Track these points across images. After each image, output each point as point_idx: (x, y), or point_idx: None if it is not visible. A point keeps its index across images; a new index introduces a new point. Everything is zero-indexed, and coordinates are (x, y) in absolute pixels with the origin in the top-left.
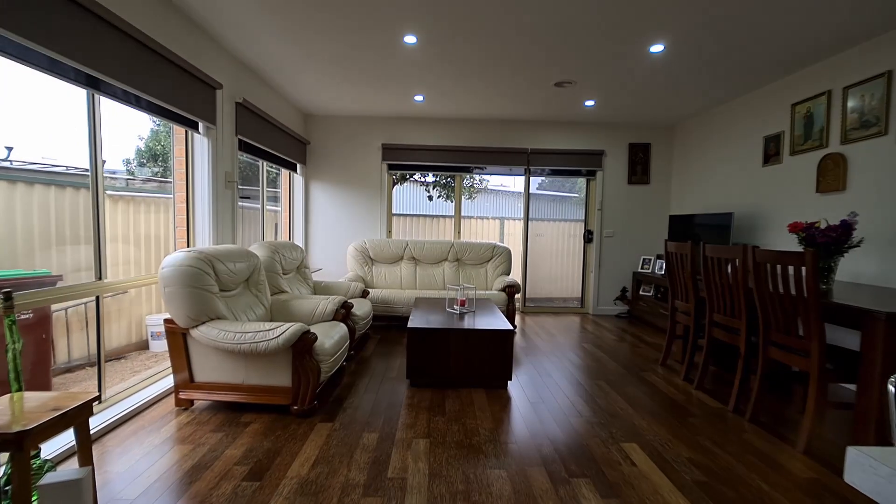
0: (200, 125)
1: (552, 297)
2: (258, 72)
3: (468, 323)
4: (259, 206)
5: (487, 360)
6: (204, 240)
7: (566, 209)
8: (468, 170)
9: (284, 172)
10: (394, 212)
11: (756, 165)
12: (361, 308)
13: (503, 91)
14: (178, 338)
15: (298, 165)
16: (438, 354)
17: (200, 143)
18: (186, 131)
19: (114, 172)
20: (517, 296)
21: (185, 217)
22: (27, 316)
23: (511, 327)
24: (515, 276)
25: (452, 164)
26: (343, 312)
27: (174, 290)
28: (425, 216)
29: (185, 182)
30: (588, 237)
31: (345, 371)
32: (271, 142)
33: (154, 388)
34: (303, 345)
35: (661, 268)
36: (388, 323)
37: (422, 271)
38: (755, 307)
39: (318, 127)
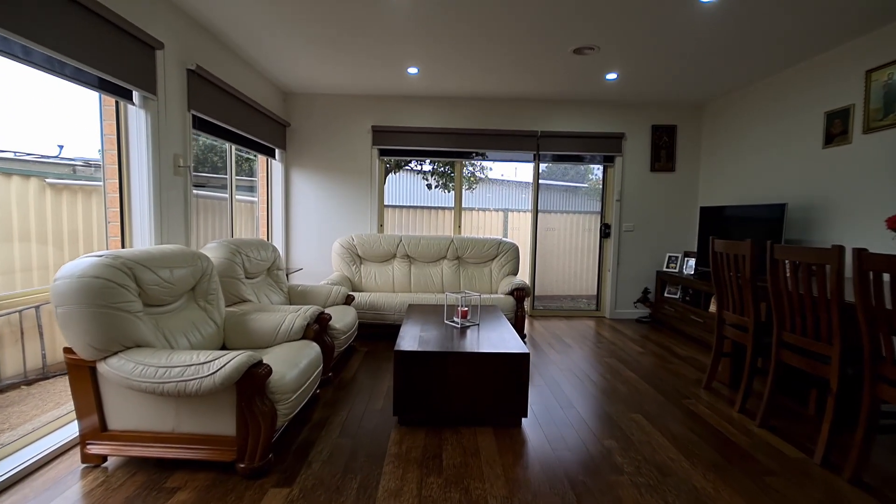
0: (135, 94)
1: (564, 296)
2: (219, 35)
3: (471, 341)
4: (227, 195)
5: (497, 390)
6: (143, 238)
7: (580, 200)
8: (469, 155)
9: (261, 158)
10: (388, 203)
11: (814, 147)
12: (343, 319)
13: (512, 60)
14: (82, 372)
15: (277, 150)
16: (434, 384)
17: (136, 116)
18: (117, 102)
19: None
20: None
21: (119, 210)
22: None
23: (526, 350)
24: (523, 275)
25: (452, 148)
26: (316, 328)
27: (70, 310)
28: (423, 208)
29: (116, 166)
30: (605, 231)
31: (318, 401)
32: (240, 121)
33: (62, 433)
34: (251, 382)
35: (690, 267)
36: (378, 332)
37: (417, 271)
38: (853, 327)
39: (299, 107)
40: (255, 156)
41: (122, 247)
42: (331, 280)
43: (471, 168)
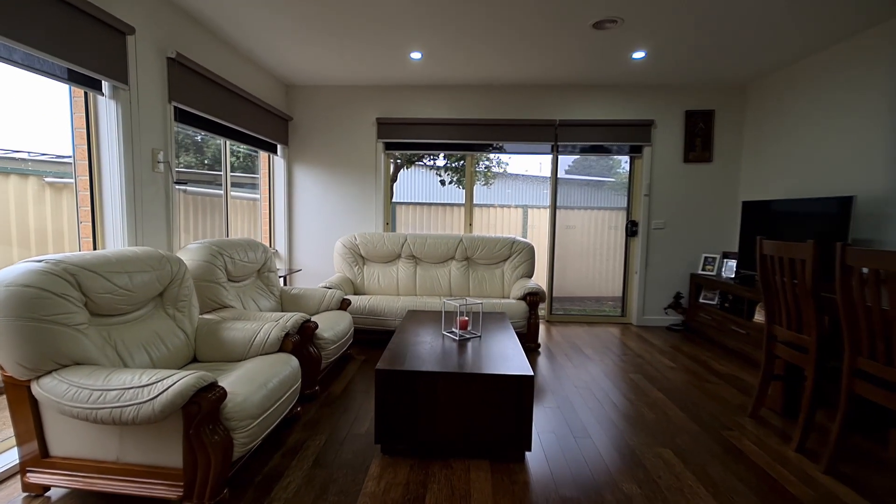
0: (105, 84)
1: (588, 297)
2: (205, 21)
3: (469, 358)
4: (222, 193)
5: (495, 418)
6: (116, 239)
7: (604, 195)
8: (481, 148)
9: (263, 155)
10: (401, 200)
11: (888, 128)
12: (334, 326)
13: (524, 40)
14: (19, 392)
15: (279, 146)
16: (422, 409)
17: (106, 108)
18: (86, 93)
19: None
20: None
21: (90, 209)
22: None
23: (530, 372)
24: (539, 277)
25: (462, 140)
26: (297, 339)
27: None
28: (438, 205)
29: (87, 162)
30: (631, 229)
31: (298, 420)
32: (233, 115)
33: (7, 457)
34: (198, 409)
35: (730, 270)
36: (378, 339)
37: (423, 273)
38: None
39: (301, 100)
40: (256, 152)
41: (94, 248)
42: (330, 282)
43: (486, 162)
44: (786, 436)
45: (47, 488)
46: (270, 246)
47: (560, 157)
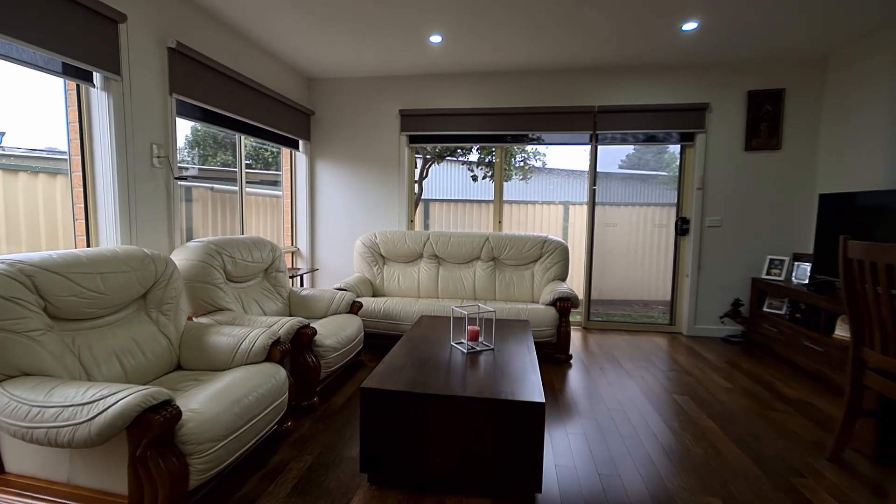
0: (96, 76)
1: (628, 301)
2: (211, 10)
3: (475, 377)
4: (237, 189)
5: (499, 450)
6: (109, 237)
7: (650, 190)
8: (511, 140)
9: (285, 151)
10: (434, 196)
11: None
12: (339, 332)
13: (554, 17)
14: None
15: (301, 141)
16: (414, 435)
17: (98, 101)
18: (77, 85)
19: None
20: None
21: (84, 205)
22: None
23: (540, 399)
24: (577, 279)
25: (490, 132)
26: (286, 348)
27: None
28: (471, 202)
29: (80, 157)
30: (682, 227)
31: (288, 437)
32: (247, 109)
33: None
34: (143, 432)
35: (803, 275)
36: (392, 344)
37: (446, 274)
38: None
39: (323, 93)
40: (278, 148)
41: (88, 246)
42: (346, 283)
43: (523, 155)
44: (879, 489)
45: None
46: (292, 244)
47: (609, 148)
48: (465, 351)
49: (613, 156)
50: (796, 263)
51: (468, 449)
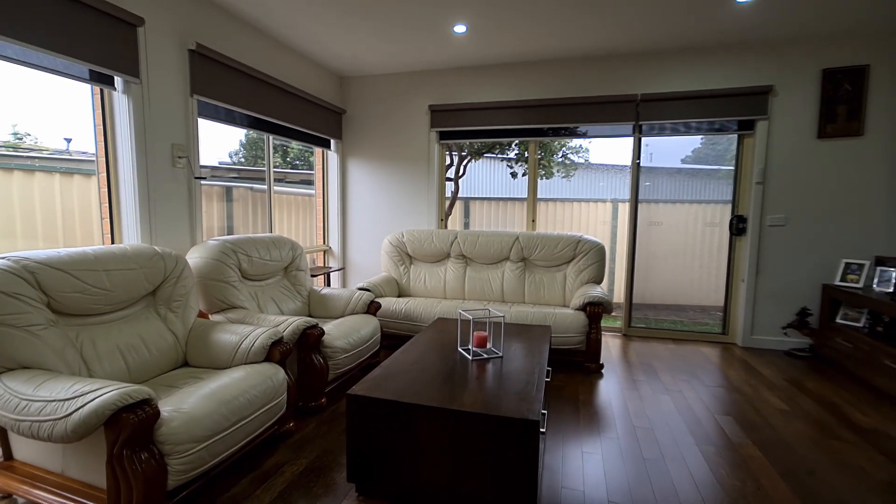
0: (117, 80)
1: (678, 306)
2: (235, 11)
3: (472, 388)
4: (265, 188)
5: (490, 469)
6: (130, 234)
7: (699, 186)
8: (544, 133)
9: (317, 150)
10: (472, 195)
11: None
12: (352, 333)
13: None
14: None
15: (332, 141)
16: (401, 446)
17: (119, 104)
18: (101, 89)
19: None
20: (604, 312)
21: (108, 205)
22: None
23: (535, 417)
24: (618, 281)
25: (522, 125)
26: (285, 348)
27: None
28: (510, 200)
29: (105, 158)
30: (738, 226)
31: (287, 439)
32: (274, 109)
33: None
34: (118, 431)
35: (888, 282)
36: None
37: (474, 274)
38: None
39: (355, 92)
40: (311, 149)
41: (112, 243)
42: (370, 282)
43: (567, 151)
44: None
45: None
46: (324, 243)
47: (668, 142)
48: (471, 357)
49: (672, 149)
50: (879, 268)
51: (458, 465)
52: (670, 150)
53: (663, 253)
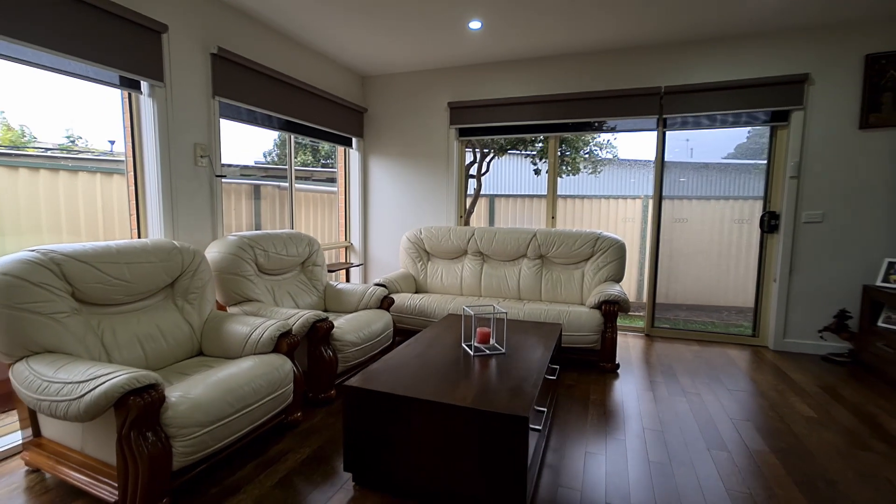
0: (144, 84)
1: (703, 306)
2: (255, 15)
3: (468, 382)
4: (283, 185)
5: (480, 463)
6: (154, 230)
7: (727, 180)
8: (566, 128)
9: (339, 148)
10: (498, 192)
11: None
12: (363, 328)
13: None
14: None
15: (354, 139)
16: (394, 438)
17: (146, 106)
18: (129, 94)
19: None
20: (620, 311)
21: (135, 202)
22: None
23: (524, 413)
24: (631, 281)
25: (542, 121)
26: (294, 341)
27: None
28: (537, 197)
29: (132, 158)
30: (770, 224)
31: (294, 428)
32: (294, 109)
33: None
34: (126, 411)
35: None
36: None
37: (490, 271)
38: None
39: (376, 91)
40: (331, 146)
41: (139, 238)
42: (387, 278)
43: (595, 147)
44: None
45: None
46: (345, 239)
47: (707, 136)
48: (473, 353)
49: (717, 144)
50: None
51: (449, 459)
52: (713, 144)
53: (690, 251)
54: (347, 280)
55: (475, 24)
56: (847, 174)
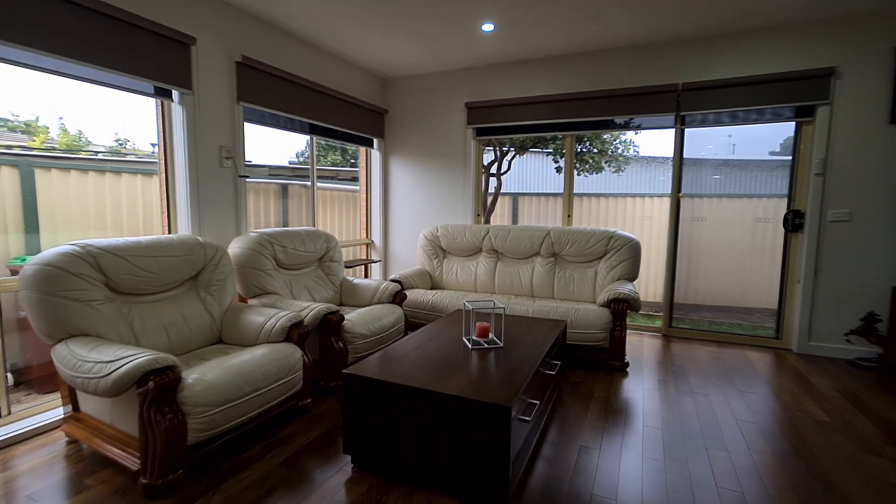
0: (174, 93)
1: (724, 307)
2: (278, 24)
3: (461, 373)
4: (309, 184)
5: (465, 450)
6: (182, 226)
7: (748, 178)
8: (583, 126)
9: (361, 149)
10: (520, 190)
11: None
12: (374, 322)
13: None
14: None
15: (375, 140)
16: (387, 423)
17: (176, 113)
18: (161, 102)
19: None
20: (630, 310)
21: (166, 201)
22: None
23: (507, 404)
24: (657, 277)
25: (557, 120)
26: (304, 331)
27: (28, 295)
28: (558, 195)
29: (164, 161)
30: (794, 222)
31: (304, 413)
32: (318, 112)
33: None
34: (146, 388)
35: None
36: None
37: (504, 269)
38: None
39: (396, 92)
40: (353, 147)
41: (169, 234)
42: (402, 275)
43: (618, 143)
44: None
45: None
46: (367, 237)
47: (749, 134)
48: (472, 346)
49: (762, 140)
50: None
51: (438, 445)
52: (758, 140)
53: (709, 250)
54: (366, 275)
55: (488, 27)
56: (876, 171)
